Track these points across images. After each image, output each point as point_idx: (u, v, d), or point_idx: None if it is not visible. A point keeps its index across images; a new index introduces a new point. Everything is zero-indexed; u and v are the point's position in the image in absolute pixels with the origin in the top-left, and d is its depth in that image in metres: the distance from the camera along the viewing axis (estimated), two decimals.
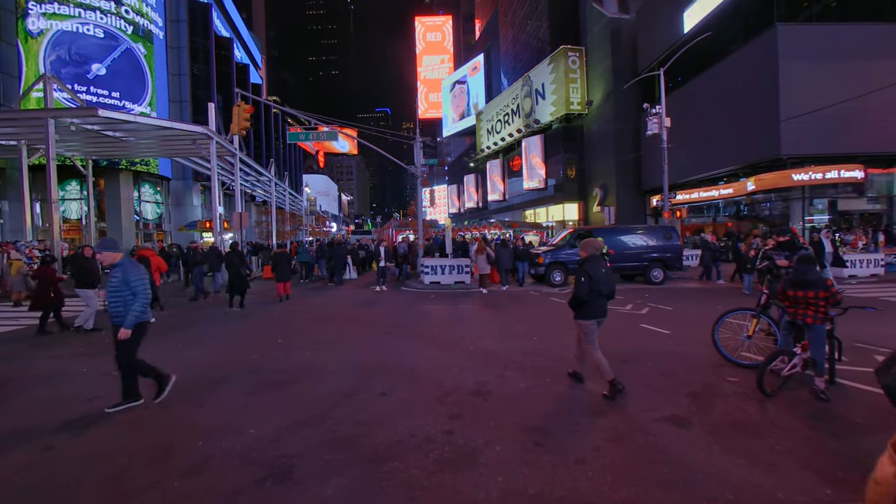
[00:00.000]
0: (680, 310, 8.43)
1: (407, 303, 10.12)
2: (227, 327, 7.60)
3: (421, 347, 5.88)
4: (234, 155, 19.48)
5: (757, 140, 18.33)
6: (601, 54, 29.79)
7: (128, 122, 14.24)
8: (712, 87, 20.95)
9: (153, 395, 3.89)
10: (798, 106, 16.54)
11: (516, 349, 5.62)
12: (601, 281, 4.01)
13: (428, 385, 4.31)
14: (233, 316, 8.74)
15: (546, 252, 12.34)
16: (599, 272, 4.03)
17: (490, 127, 45.26)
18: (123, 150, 18.30)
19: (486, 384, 4.29)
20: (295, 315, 8.69)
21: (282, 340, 6.40)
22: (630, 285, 12.34)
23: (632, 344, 5.83)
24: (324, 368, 4.93)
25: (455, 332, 6.82)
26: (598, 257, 4.16)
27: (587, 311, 4.08)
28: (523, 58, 41.28)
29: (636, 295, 10.47)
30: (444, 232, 14.58)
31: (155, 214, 25.45)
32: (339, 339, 6.57)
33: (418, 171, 16.24)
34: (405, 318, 8.20)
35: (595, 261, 4.10)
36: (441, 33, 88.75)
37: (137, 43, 23.46)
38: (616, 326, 6.92)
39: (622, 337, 6.26)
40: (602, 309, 4.14)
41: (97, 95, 21.42)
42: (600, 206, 29.48)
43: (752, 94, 18.32)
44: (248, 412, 3.71)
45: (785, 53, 17.01)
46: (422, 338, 6.50)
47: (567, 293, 11.03)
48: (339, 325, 7.61)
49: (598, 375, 4.18)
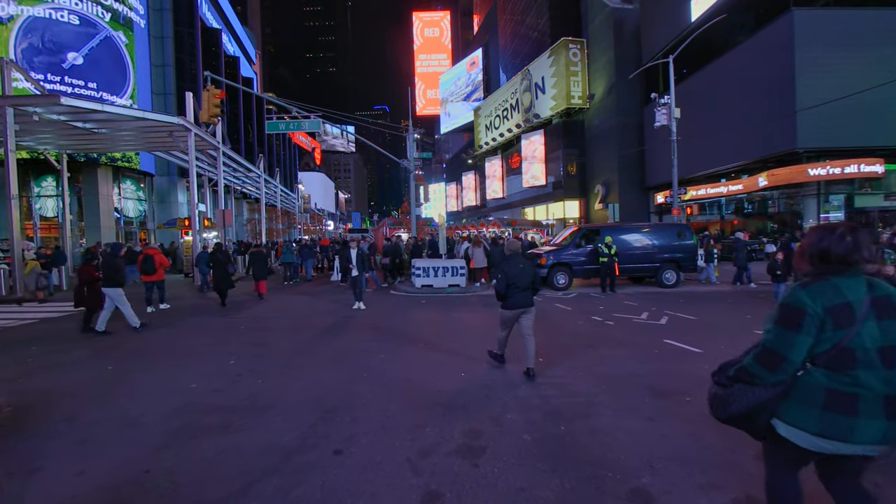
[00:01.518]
0: (705, 319, 7.39)
1: (393, 309, 9.05)
2: (189, 339, 6.53)
3: (400, 372, 4.82)
4: (216, 149, 18.37)
5: (770, 133, 17.30)
6: (603, 46, 28.71)
7: (94, 111, 13.11)
8: (720, 79, 19.90)
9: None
10: (815, 97, 15.51)
11: (519, 377, 4.57)
12: (517, 277, 4.57)
13: (403, 435, 3.25)
14: (203, 326, 7.67)
15: (548, 252, 11.28)
16: (515, 269, 4.59)
17: (488, 123, 44.13)
18: (98, 144, 17.18)
19: (478, 436, 3.23)
20: (267, 323, 7.62)
21: (234, 361, 5.33)
22: (640, 288, 11.29)
23: (658, 366, 4.79)
24: (272, 405, 3.86)
25: (443, 350, 5.76)
26: (516, 256, 4.78)
27: (509, 304, 4.67)
28: (522, 51, 40.13)
29: (649, 300, 9.43)
30: (437, 230, 13.37)
31: (137, 212, 24.28)
32: (305, 357, 5.51)
33: (410, 166, 15.14)
34: (387, 329, 7.13)
35: (512, 260, 4.72)
36: (439, 29, 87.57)
37: (118, 31, 22.25)
38: (635, 341, 5.88)
39: (645, 356, 5.22)
40: (523, 301, 4.63)
41: (72, 86, 20.22)
42: (602, 204, 28.46)
43: (766, 85, 17.28)
44: (141, 487, 2.65)
45: (801, 40, 15.96)
46: (403, 358, 5.44)
47: (574, 297, 9.97)
48: (309, 338, 6.54)
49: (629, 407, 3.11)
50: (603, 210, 27.98)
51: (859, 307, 1.61)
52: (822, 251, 1.71)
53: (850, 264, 1.67)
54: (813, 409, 1.65)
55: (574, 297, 10.14)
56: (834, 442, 1.62)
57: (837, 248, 1.68)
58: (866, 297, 1.63)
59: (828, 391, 1.63)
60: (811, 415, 1.65)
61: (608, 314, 7.96)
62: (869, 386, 1.58)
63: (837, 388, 1.61)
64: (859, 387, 1.59)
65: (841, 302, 1.62)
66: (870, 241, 1.69)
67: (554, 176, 32.69)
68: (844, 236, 1.68)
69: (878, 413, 1.59)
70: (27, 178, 20.62)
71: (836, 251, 1.68)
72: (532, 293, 4.66)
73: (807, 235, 1.81)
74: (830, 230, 1.73)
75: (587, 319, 7.57)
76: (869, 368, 1.58)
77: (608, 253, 10.45)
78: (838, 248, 1.68)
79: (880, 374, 1.59)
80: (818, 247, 1.73)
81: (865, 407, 1.59)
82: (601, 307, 8.73)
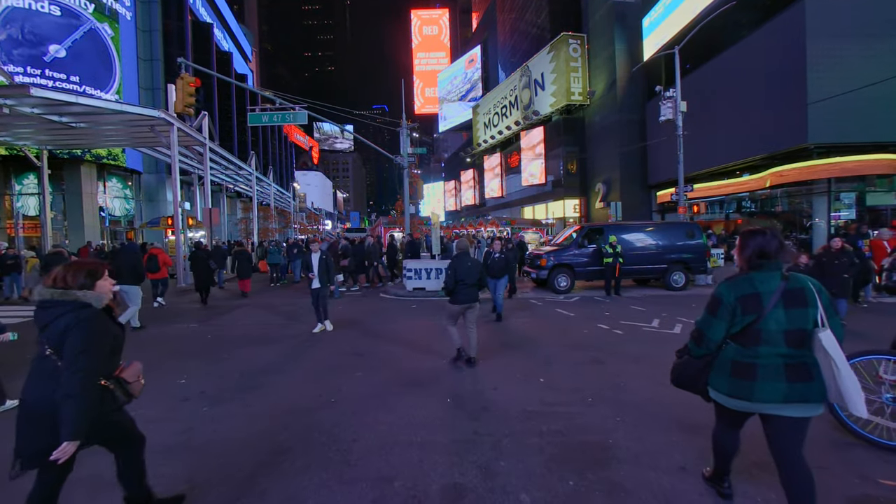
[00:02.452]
0: None
1: (379, 314, 8.31)
2: (154, 347, 5.77)
3: (375, 397, 4.08)
4: (202, 144, 17.64)
5: (779, 128, 16.58)
6: (604, 41, 27.99)
7: (68, 103, 12.35)
8: (726, 73, 19.18)
9: None
10: (827, 90, 14.79)
11: (513, 403, 3.83)
12: (466, 274, 4.82)
13: (364, 492, 2.52)
14: (171, 334, 6.92)
15: (549, 253, 10.53)
16: (464, 266, 4.84)
17: (487, 120, 43.41)
18: (79, 140, 16.44)
19: (462, 491, 2.49)
20: (238, 330, 6.89)
21: (185, 380, 4.59)
22: (646, 291, 10.56)
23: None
24: (207, 444, 3.13)
25: (428, 365, 5.03)
26: (465, 255, 5.00)
27: (456, 299, 4.90)
28: (522, 47, 39.43)
29: (658, 304, 8.69)
30: (431, 229, 12.53)
31: (124, 211, 23.51)
32: (267, 375, 4.76)
33: (404, 161, 14.40)
34: (370, 338, 6.40)
35: (461, 257, 4.95)
36: (438, 27, 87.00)
37: (103, 23, 21.50)
38: (649, 355, 5.15)
39: (664, 375, 4.44)
40: (469, 296, 4.89)
41: (53, 80, 19.47)
42: (603, 202, 27.77)
43: (775, 78, 16.55)
44: None
45: (813, 30, 15.24)
46: (382, 377, 4.70)
47: (577, 302, 9.25)
48: (278, 352, 5.80)
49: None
50: (604, 209, 27.28)
51: (768, 297, 1.97)
52: (750, 250, 2.10)
53: (769, 258, 2.04)
54: (724, 376, 2.08)
55: (577, 301, 9.41)
56: (741, 401, 2.03)
57: (766, 246, 2.06)
58: (778, 288, 1.98)
59: (733, 362, 2.06)
60: (723, 380, 2.08)
61: (615, 321, 7.23)
62: (767, 358, 1.97)
63: (741, 360, 2.04)
64: (759, 358, 1.99)
65: (751, 292, 2.00)
66: (779, 242, 2.06)
67: (553, 174, 31.97)
68: (767, 237, 2.07)
69: (780, 378, 1.95)
70: (7, 175, 19.87)
71: (761, 249, 2.07)
72: (478, 289, 4.98)
73: (741, 238, 2.15)
74: (757, 233, 2.10)
75: (593, 327, 6.85)
76: (771, 345, 1.97)
77: (612, 253, 9.72)
78: (765, 246, 2.06)
79: (781, 350, 1.97)
80: (747, 247, 2.11)
81: (764, 374, 1.97)
82: (607, 313, 8.00)
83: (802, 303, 1.95)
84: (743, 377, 2.00)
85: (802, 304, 1.95)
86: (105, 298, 2.05)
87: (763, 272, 2.03)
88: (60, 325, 1.88)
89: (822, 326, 1.94)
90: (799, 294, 1.97)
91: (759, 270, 2.04)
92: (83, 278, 2.00)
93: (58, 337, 1.88)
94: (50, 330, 1.90)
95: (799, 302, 1.95)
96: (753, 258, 2.06)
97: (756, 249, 2.06)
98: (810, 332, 1.95)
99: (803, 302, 1.95)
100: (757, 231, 2.09)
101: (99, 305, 1.99)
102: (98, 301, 1.99)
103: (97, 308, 1.98)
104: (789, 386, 1.94)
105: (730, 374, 2.05)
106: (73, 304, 1.93)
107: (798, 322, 1.94)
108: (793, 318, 1.94)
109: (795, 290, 1.98)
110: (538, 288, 11.17)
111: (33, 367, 1.94)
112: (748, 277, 2.04)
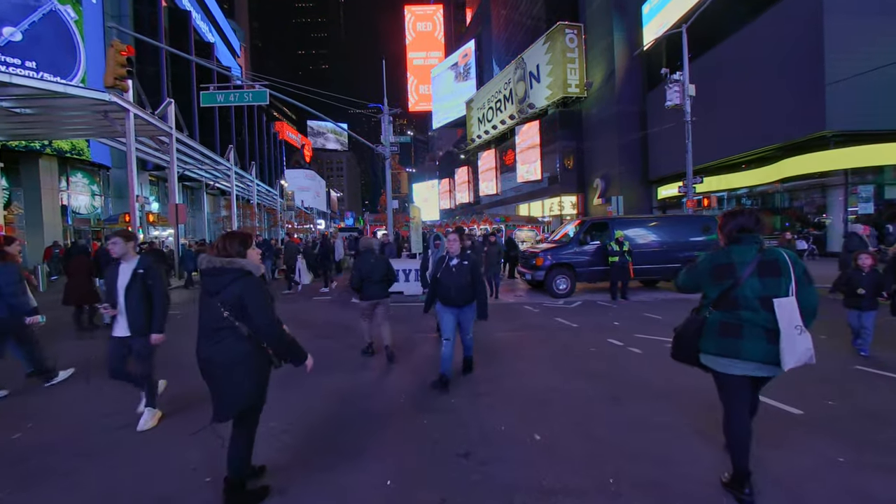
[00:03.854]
0: None
1: (345, 324, 6.90)
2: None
3: (320, 441, 2.70)
4: (168, 134, 16.20)
5: (793, 116, 15.36)
6: (602, 30, 26.74)
7: (3, 83, 10.89)
8: (732, 60, 17.97)
9: None
10: (847, 73, 13.57)
11: (495, 490, 2.47)
12: (370, 272, 4.98)
13: None
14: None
15: (546, 251, 9.18)
16: (367, 264, 5.00)
17: (481, 115, 42.09)
18: (31, 129, 14.95)
19: None
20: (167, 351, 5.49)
21: (32, 424, 3.20)
22: (656, 294, 9.24)
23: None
24: None
25: (393, 403, 3.66)
26: (367, 252, 5.10)
27: (363, 295, 5.09)
28: (516, 40, 38.13)
29: (675, 312, 7.33)
30: (411, 225, 10.99)
31: (91, 208, 21.91)
32: (164, 427, 3.38)
33: (386, 151, 13.01)
34: (328, 351, 5.02)
35: (364, 255, 5.09)
36: (432, 23, 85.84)
37: (65, 5, 19.89)
38: (682, 387, 3.77)
39: (707, 421, 3.10)
40: (377, 293, 5.04)
41: (6, 65, 17.87)
42: (601, 199, 26.54)
43: (788, 63, 15.33)
44: None
45: (831, 6, 14.03)
46: (314, 414, 3.31)
47: (579, 308, 7.91)
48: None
49: None
50: (602, 205, 26.06)
51: (742, 267, 2.24)
52: (730, 227, 2.38)
53: (748, 232, 2.33)
54: (713, 337, 2.31)
55: (579, 306, 8.08)
56: (730, 359, 2.26)
57: (745, 223, 2.35)
58: (754, 259, 2.24)
59: (721, 323, 2.30)
60: (712, 341, 2.32)
61: (628, 334, 5.89)
62: (749, 320, 2.22)
63: (727, 321, 2.28)
64: (742, 321, 2.24)
65: (726, 262, 2.29)
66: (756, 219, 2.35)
67: (549, 170, 30.72)
68: (745, 215, 2.37)
69: (761, 338, 2.21)
70: None
71: (741, 226, 2.35)
72: (387, 285, 5.09)
73: (723, 217, 2.46)
74: (736, 213, 2.41)
75: (602, 343, 5.51)
76: (749, 310, 2.22)
77: (620, 251, 8.39)
78: (744, 223, 2.35)
79: (760, 315, 2.20)
80: (727, 224, 2.40)
81: (748, 333, 2.22)
82: (616, 323, 6.66)
83: (776, 272, 2.19)
84: (730, 335, 2.24)
85: (776, 273, 2.19)
86: (261, 268, 2.32)
87: (741, 245, 2.30)
88: (236, 291, 2.15)
89: (790, 295, 2.14)
90: (773, 264, 2.21)
91: (737, 244, 2.31)
92: (238, 246, 2.25)
93: (235, 300, 2.15)
94: (224, 295, 2.16)
95: (773, 272, 2.19)
96: (733, 233, 2.35)
97: (736, 226, 2.34)
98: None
99: (777, 272, 2.19)
100: (736, 211, 2.40)
101: (257, 273, 2.25)
102: (256, 269, 2.26)
103: (257, 275, 2.25)
104: (767, 347, 2.19)
105: (717, 334, 2.28)
106: (238, 271, 2.19)
107: (771, 289, 2.17)
108: (767, 285, 2.18)
109: (770, 261, 2.22)
110: (534, 291, 9.82)
111: (206, 330, 2.20)
112: (726, 250, 2.33)
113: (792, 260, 2.17)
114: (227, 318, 2.13)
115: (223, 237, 2.27)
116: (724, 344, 2.22)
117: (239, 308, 2.13)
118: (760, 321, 2.16)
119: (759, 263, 2.19)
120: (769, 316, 2.13)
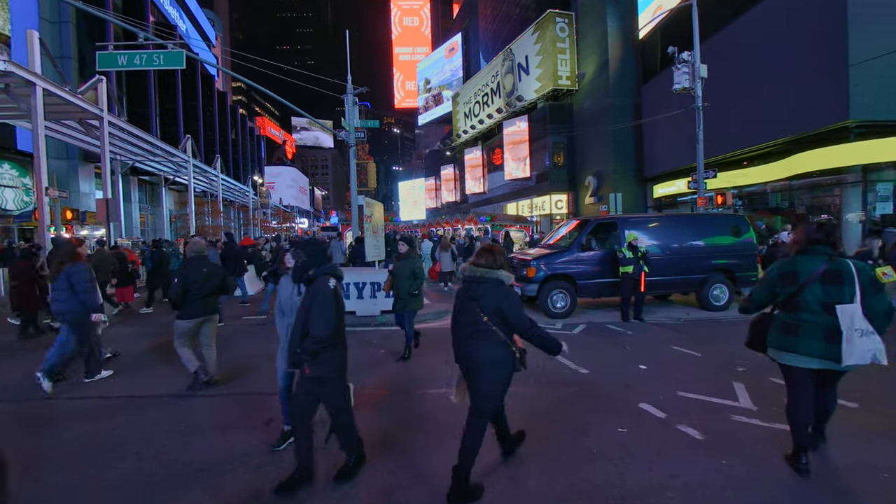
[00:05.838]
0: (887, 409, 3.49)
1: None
2: None
3: None
4: (98, 118, 13.88)
5: (809, 105, 13.81)
6: (594, 18, 25.09)
7: None
8: (739, 45, 16.37)
9: None
10: (874, 52, 12.03)
11: None
12: (199, 283, 4.11)
13: None
14: None
15: (539, 258, 7.24)
16: (198, 274, 4.14)
17: (468, 110, 40.19)
18: None
19: None
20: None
21: None
22: (674, 312, 7.40)
23: None
24: None
25: None
26: (199, 259, 4.27)
27: (184, 313, 4.16)
28: (504, 32, 36.35)
29: (711, 341, 5.43)
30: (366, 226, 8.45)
31: (21, 203, 19.25)
32: None
33: (350, 138, 10.96)
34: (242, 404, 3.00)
35: (194, 262, 4.24)
36: (419, 18, 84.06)
37: None
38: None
39: None
40: (205, 308, 4.22)
41: None
42: (593, 197, 24.90)
43: (804, 49, 13.77)
44: None
45: None
46: None
47: (582, 334, 5.98)
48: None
49: None
50: (594, 204, 24.40)
51: (805, 275, 2.58)
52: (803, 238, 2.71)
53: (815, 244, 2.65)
54: (776, 332, 2.73)
55: (582, 332, 6.16)
56: (789, 353, 2.66)
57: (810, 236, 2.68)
58: (819, 269, 2.56)
59: (783, 322, 2.71)
60: (775, 336, 2.73)
61: (667, 392, 3.91)
62: (807, 321, 2.57)
63: (787, 320, 2.68)
64: (801, 321, 2.60)
65: (790, 271, 2.65)
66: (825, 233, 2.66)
67: (539, 167, 28.99)
68: (812, 229, 2.70)
69: (818, 337, 2.55)
70: None
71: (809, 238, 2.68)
72: (217, 296, 4.43)
73: (801, 228, 2.80)
74: (812, 225, 2.75)
75: (632, 415, 3.53)
76: (808, 312, 2.57)
77: (634, 258, 6.50)
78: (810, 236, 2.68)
79: (821, 318, 2.53)
80: (800, 236, 2.73)
81: (805, 332, 2.58)
82: (642, 367, 4.71)
83: (839, 281, 2.50)
84: (789, 334, 2.64)
85: (839, 282, 2.50)
86: (511, 278, 2.63)
87: (808, 256, 2.63)
88: (494, 299, 2.46)
89: (854, 302, 2.45)
90: (837, 274, 2.53)
91: (804, 254, 2.65)
92: (502, 259, 2.61)
93: (494, 307, 2.46)
94: (484, 301, 2.47)
95: (836, 280, 2.51)
96: (804, 244, 2.67)
97: (807, 238, 2.66)
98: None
99: (840, 280, 2.51)
100: (812, 223, 2.75)
101: (509, 283, 2.58)
102: (508, 279, 2.58)
103: (508, 284, 2.58)
104: (825, 346, 2.52)
105: (780, 331, 2.70)
106: (495, 280, 2.52)
107: (833, 296, 2.49)
108: (829, 292, 2.51)
109: (835, 270, 2.54)
110: (525, 306, 7.93)
111: (468, 331, 2.51)
112: (792, 259, 2.68)
113: (859, 269, 2.52)
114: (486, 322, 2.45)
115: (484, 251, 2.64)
116: (784, 340, 2.66)
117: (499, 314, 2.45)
118: (821, 323, 2.52)
119: (824, 273, 2.54)
120: (831, 319, 2.49)
